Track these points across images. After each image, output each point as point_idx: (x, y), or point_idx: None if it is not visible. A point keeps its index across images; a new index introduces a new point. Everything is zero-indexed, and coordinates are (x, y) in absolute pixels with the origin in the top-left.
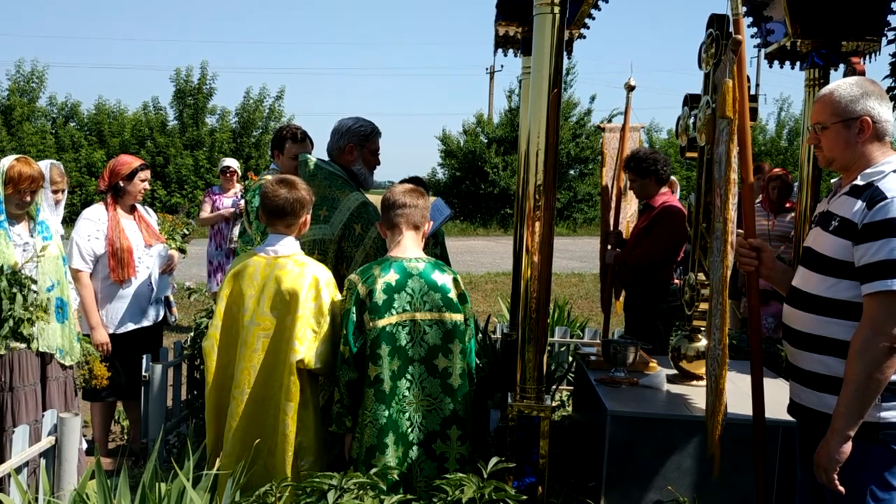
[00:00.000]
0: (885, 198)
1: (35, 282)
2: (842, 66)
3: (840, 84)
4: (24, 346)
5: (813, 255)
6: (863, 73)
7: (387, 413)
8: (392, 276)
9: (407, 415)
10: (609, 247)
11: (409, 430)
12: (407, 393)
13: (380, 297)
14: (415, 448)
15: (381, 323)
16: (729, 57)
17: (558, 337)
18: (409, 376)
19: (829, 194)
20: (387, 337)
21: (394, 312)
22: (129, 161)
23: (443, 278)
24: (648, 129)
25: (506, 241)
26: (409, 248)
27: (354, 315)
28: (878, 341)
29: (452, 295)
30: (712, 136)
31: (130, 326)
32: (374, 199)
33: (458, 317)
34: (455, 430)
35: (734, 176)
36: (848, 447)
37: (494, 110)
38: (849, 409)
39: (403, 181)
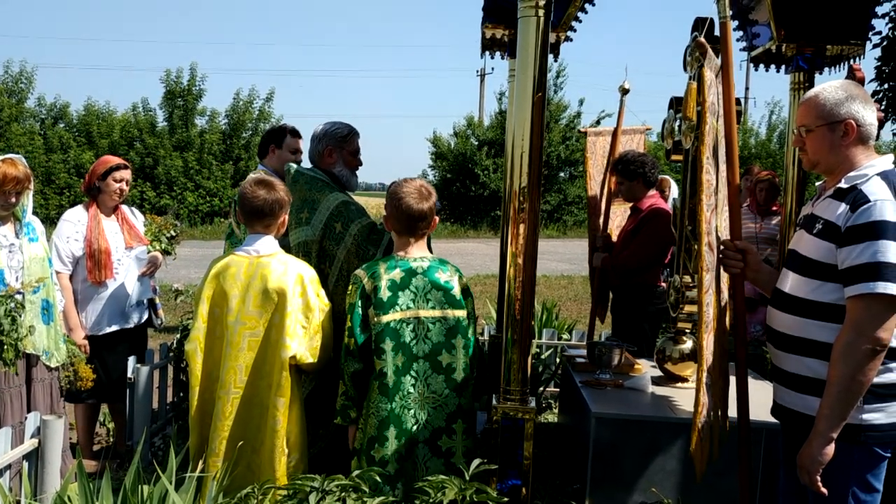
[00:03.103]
0: (869, 201)
1: (24, 307)
2: (826, 70)
3: (825, 87)
4: (6, 369)
5: (797, 257)
6: (862, 81)
7: (388, 406)
8: (397, 274)
9: (412, 412)
10: (597, 249)
11: (415, 427)
12: (412, 390)
13: (385, 293)
14: (420, 446)
15: (385, 319)
16: (696, 60)
17: (546, 339)
18: (413, 373)
19: (814, 197)
20: (391, 333)
21: (398, 309)
22: (107, 160)
23: (446, 276)
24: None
25: (496, 243)
26: (415, 251)
27: (360, 309)
28: (861, 343)
29: (456, 291)
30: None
31: (109, 329)
32: (363, 200)
33: (462, 313)
34: (460, 424)
35: (706, 177)
36: (831, 449)
37: (485, 113)
38: (832, 411)
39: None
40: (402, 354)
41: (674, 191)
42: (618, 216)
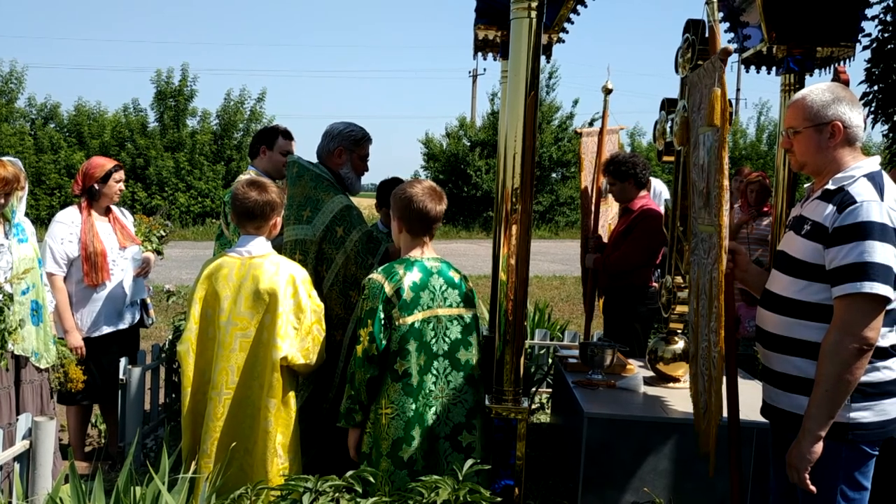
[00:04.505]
0: (855, 202)
1: (12, 299)
2: (817, 72)
3: (812, 89)
4: None
5: (785, 258)
6: (847, 83)
7: (413, 406)
8: (416, 275)
9: (433, 409)
10: (589, 250)
11: (437, 424)
12: (433, 388)
13: (408, 294)
14: (441, 441)
15: (409, 320)
16: (717, 66)
17: (538, 339)
18: (434, 371)
19: (803, 199)
20: (415, 333)
21: (419, 310)
22: (103, 163)
23: (458, 276)
24: (632, 132)
25: (488, 244)
26: (427, 251)
27: (382, 313)
28: (848, 342)
29: (467, 289)
30: (686, 138)
31: (105, 330)
32: (360, 203)
33: (474, 311)
34: (479, 420)
35: (726, 182)
36: (819, 447)
37: (477, 113)
38: (819, 410)
39: (384, 182)
40: (424, 354)
41: (660, 190)
42: (602, 216)
